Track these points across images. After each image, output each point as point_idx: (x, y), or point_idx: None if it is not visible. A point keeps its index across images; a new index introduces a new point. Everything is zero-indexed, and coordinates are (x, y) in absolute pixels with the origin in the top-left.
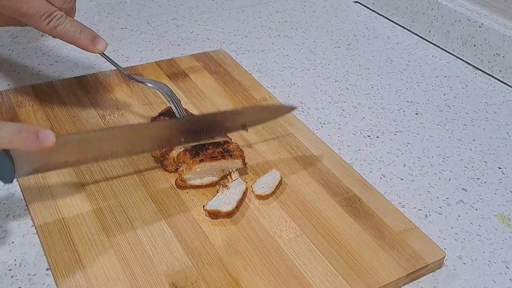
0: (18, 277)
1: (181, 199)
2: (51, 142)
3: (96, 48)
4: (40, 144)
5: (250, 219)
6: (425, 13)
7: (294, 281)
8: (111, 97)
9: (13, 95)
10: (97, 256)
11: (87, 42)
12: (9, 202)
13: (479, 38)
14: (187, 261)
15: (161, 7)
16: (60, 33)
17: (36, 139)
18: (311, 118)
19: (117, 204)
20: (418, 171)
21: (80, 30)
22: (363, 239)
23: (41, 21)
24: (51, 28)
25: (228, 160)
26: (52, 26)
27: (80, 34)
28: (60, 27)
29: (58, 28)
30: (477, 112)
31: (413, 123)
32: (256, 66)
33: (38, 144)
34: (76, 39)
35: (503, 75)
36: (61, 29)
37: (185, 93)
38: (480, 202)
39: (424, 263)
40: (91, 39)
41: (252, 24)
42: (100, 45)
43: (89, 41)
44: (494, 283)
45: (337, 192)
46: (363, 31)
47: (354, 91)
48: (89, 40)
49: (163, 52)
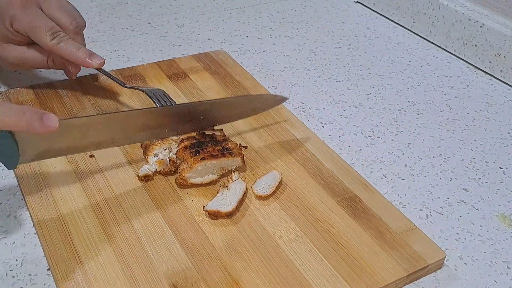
0: (19, 277)
1: (181, 200)
2: (55, 124)
3: (93, 61)
4: (44, 126)
5: (250, 220)
6: (426, 13)
7: (294, 282)
8: (111, 97)
9: (14, 96)
10: (97, 256)
11: (84, 57)
12: (10, 202)
13: (480, 38)
14: (187, 262)
15: (162, 8)
16: (61, 50)
17: (40, 121)
18: (312, 118)
19: (117, 205)
20: (419, 171)
21: (78, 48)
22: (363, 240)
23: (46, 36)
24: (53, 44)
25: (228, 158)
26: (55, 42)
27: (78, 50)
28: (62, 44)
29: (59, 45)
30: (478, 112)
31: (414, 123)
32: (257, 67)
33: (42, 126)
34: (74, 56)
35: (504, 75)
36: (62, 46)
37: (185, 93)
38: (481, 202)
39: (425, 264)
40: (88, 56)
41: (253, 24)
42: (96, 59)
43: (86, 56)
44: (495, 283)
45: (337, 193)
46: (364, 31)
47: (355, 91)
48: (86, 56)
49: (164, 52)
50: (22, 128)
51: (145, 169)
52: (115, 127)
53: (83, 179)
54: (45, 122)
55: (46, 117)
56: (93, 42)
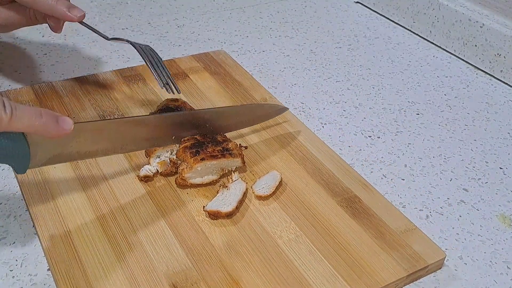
0: (19, 278)
1: (181, 200)
2: (70, 128)
3: (73, 14)
4: (59, 129)
5: (250, 220)
6: (426, 13)
7: (294, 282)
8: (111, 97)
9: (14, 96)
10: (97, 256)
11: (63, 10)
12: (10, 202)
13: (480, 38)
14: (187, 262)
15: (162, 8)
16: (38, 4)
17: (56, 124)
18: (312, 119)
19: (117, 205)
20: (419, 171)
21: (56, 0)
22: (363, 240)
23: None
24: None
25: (228, 159)
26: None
27: (56, 2)
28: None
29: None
30: (478, 112)
31: (414, 123)
32: (257, 67)
33: (58, 129)
34: (51, 8)
35: (504, 75)
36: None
37: (185, 93)
38: (481, 202)
39: (425, 264)
40: (67, 8)
41: (253, 24)
42: (75, 11)
43: (65, 9)
44: (495, 283)
45: (337, 193)
46: (364, 32)
47: (355, 91)
48: (65, 8)
49: (164, 52)
50: (37, 131)
51: (145, 169)
52: (125, 134)
53: (84, 179)
54: (60, 124)
55: (62, 120)
56: (93, 42)
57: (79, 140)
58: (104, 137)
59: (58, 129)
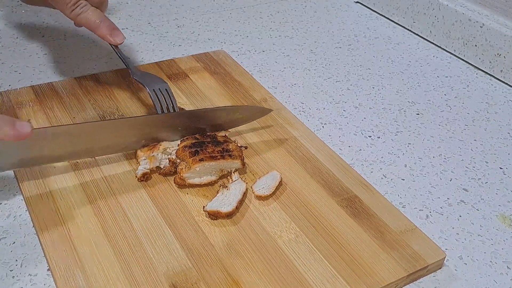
0: (19, 278)
1: (181, 200)
2: (27, 131)
3: (113, 39)
4: (16, 132)
5: (250, 220)
6: (426, 13)
7: (294, 282)
8: (111, 97)
9: (14, 96)
10: (97, 256)
11: (106, 33)
12: (10, 202)
13: (480, 38)
14: (187, 262)
15: (162, 8)
16: (82, 20)
17: (13, 128)
18: (312, 119)
19: (117, 205)
20: (419, 171)
21: (100, 20)
22: (363, 240)
23: (67, 7)
24: (74, 15)
25: (228, 161)
26: (76, 13)
27: (100, 23)
28: (83, 15)
29: (80, 15)
30: (478, 112)
31: (414, 123)
32: (257, 67)
33: (15, 132)
34: (96, 27)
35: (504, 75)
36: (83, 16)
37: (185, 93)
38: (481, 202)
39: (425, 264)
40: (110, 30)
41: (253, 24)
42: (117, 37)
43: (108, 32)
44: (495, 283)
45: (337, 193)
46: (364, 32)
47: (355, 91)
48: (108, 31)
49: (164, 52)
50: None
51: (141, 169)
52: (93, 137)
53: (83, 179)
54: (18, 128)
55: (19, 124)
56: (93, 43)
57: (43, 144)
58: (67, 142)
59: (15, 132)
